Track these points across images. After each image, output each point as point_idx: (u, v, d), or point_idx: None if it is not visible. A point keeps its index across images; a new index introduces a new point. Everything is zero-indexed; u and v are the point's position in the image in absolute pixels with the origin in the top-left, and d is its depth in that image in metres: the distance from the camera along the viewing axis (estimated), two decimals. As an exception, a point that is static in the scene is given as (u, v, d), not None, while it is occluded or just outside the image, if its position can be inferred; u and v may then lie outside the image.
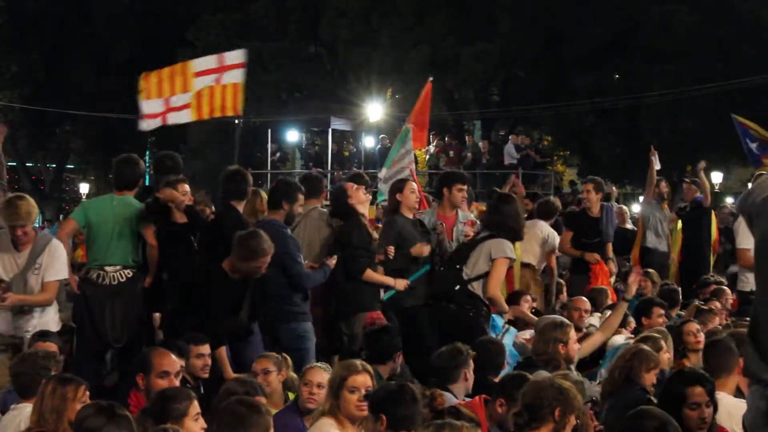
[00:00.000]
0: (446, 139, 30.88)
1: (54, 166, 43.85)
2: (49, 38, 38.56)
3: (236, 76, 10.46)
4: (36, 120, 39.17)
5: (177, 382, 5.65)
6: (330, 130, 30.47)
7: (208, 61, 10.73)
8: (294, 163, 37.75)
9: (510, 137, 30.86)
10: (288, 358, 6.69)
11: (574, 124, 35.20)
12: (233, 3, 37.38)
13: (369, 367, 5.42)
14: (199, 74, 10.52)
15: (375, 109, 32.92)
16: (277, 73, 35.36)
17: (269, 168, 30.43)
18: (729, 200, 28.85)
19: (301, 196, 8.02)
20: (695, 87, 30.54)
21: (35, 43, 38.40)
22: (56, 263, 7.05)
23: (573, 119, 34.69)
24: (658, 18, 31.95)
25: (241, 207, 7.87)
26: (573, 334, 6.85)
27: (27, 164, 43.03)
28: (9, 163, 44.27)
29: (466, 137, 35.33)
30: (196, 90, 10.41)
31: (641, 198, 14.35)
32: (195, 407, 4.86)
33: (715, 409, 5.41)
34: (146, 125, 10.50)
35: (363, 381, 5.22)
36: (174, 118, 10.58)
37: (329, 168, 29.54)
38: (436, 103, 35.70)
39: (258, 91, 34.55)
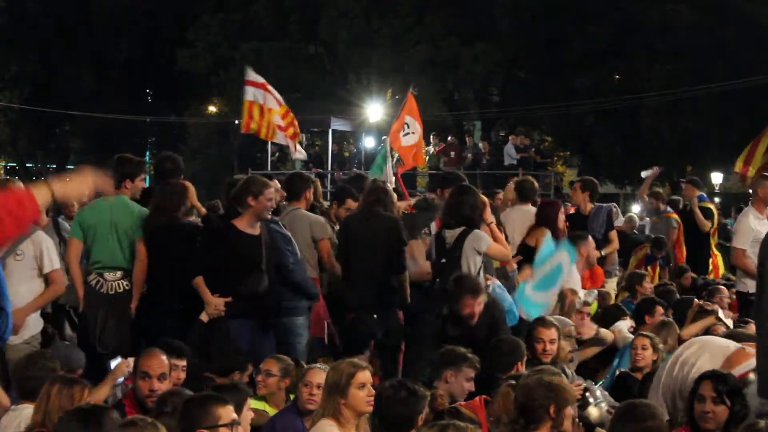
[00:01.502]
0: (449, 138, 30.86)
1: (54, 166, 43.82)
2: (49, 38, 38.56)
3: None
4: (36, 120, 39.17)
5: (161, 385, 5.54)
6: (330, 131, 30.44)
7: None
8: (294, 163, 37.73)
9: (510, 138, 30.83)
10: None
11: (574, 124, 35.18)
12: (233, 3, 37.39)
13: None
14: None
15: (375, 110, 32.90)
16: (277, 73, 35.34)
17: (269, 168, 30.38)
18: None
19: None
20: (695, 87, 30.55)
21: (35, 43, 38.39)
22: (48, 252, 7.04)
23: (573, 119, 34.68)
24: (658, 18, 31.94)
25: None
26: (548, 334, 6.78)
27: (27, 164, 43.01)
28: (9, 164, 44.58)
29: (466, 138, 35.30)
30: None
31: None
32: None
33: (745, 416, 5.15)
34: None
35: (367, 377, 5.29)
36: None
37: (329, 168, 29.54)
38: (436, 103, 35.83)
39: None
